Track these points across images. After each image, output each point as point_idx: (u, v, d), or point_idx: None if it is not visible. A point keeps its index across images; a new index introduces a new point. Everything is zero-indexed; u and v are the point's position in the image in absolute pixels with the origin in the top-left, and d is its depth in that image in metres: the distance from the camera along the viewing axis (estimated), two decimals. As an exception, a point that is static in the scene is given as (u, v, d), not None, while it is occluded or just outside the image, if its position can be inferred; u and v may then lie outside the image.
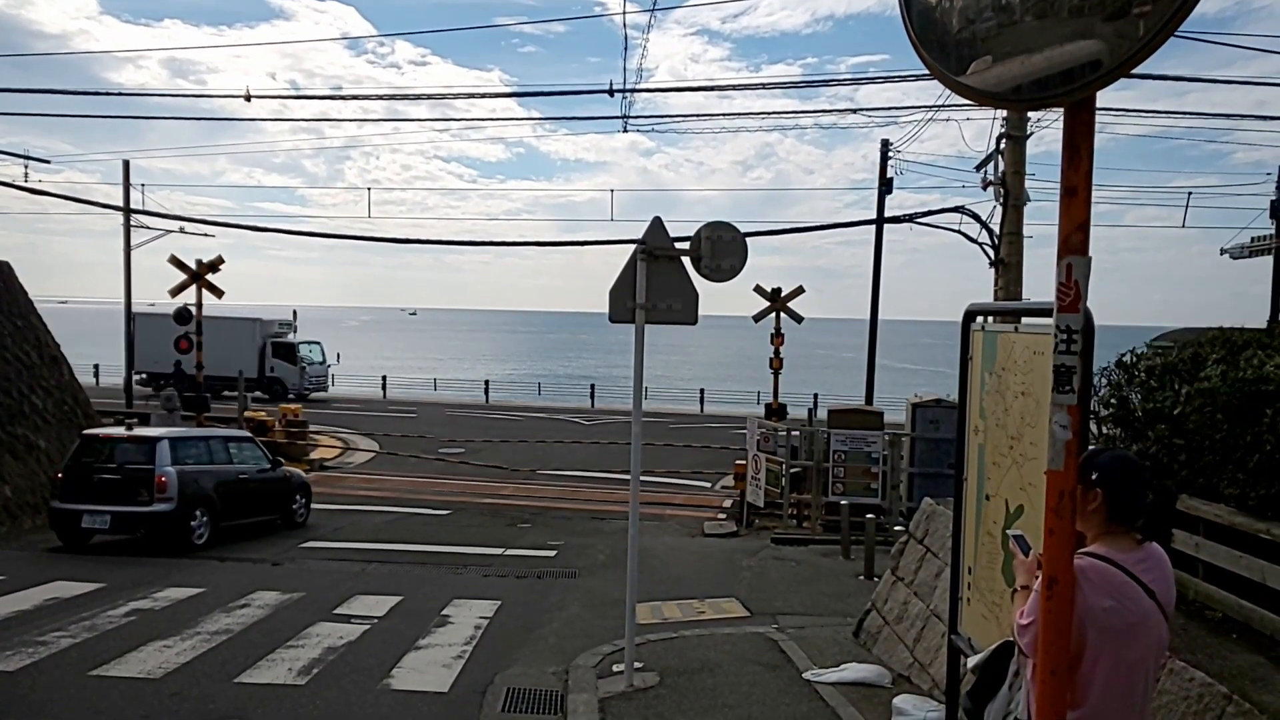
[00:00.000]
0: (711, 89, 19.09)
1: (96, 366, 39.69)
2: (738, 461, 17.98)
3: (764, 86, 19.64)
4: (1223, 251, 24.69)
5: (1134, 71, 2.42)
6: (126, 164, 25.16)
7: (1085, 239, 2.52)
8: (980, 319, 4.61)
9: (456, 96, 17.84)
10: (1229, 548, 4.82)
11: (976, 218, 15.05)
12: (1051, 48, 2.43)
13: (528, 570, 12.17)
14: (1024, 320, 4.30)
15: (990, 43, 2.59)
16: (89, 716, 6.22)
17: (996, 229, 14.15)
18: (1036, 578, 2.82)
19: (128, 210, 24.71)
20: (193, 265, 19.84)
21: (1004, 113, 13.69)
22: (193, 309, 19.90)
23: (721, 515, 17.44)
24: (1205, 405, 5.18)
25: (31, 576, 10.32)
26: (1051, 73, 2.41)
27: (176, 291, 19.78)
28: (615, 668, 7.39)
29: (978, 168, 14.65)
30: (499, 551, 13.59)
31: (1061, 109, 2.60)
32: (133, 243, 25.06)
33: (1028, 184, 13.90)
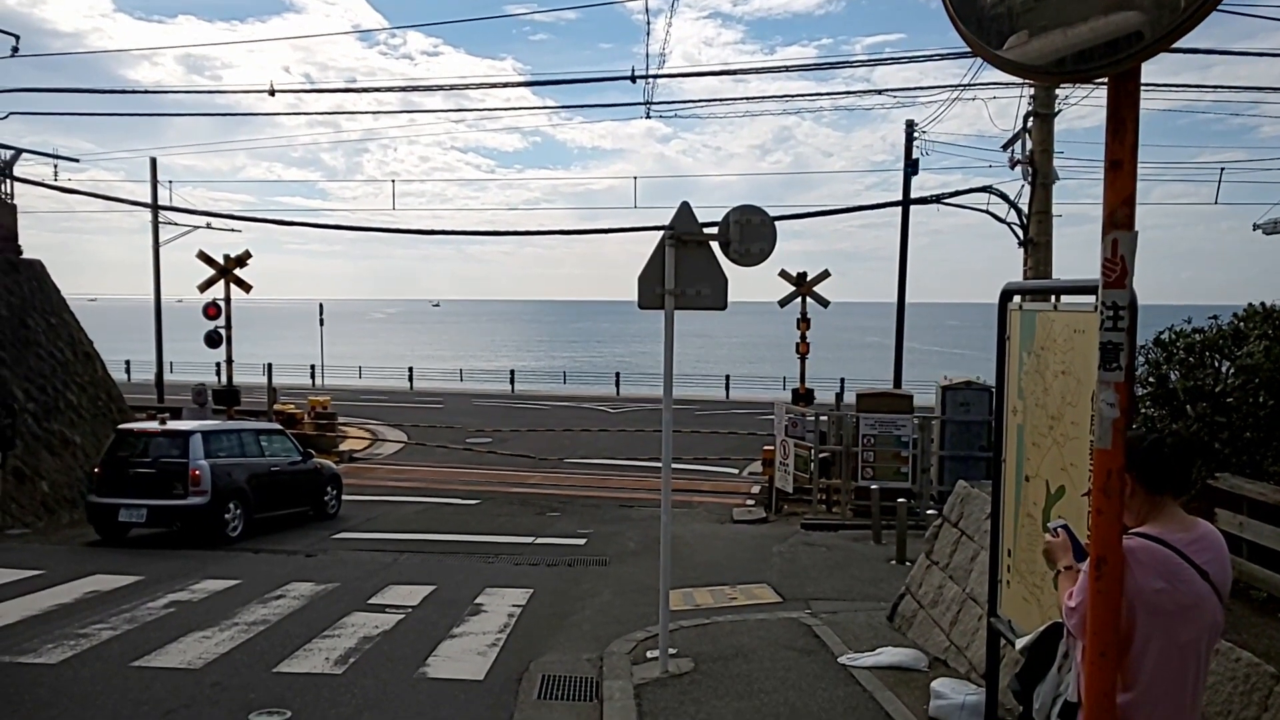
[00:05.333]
0: (734, 73, 18.96)
1: (128, 362, 40.17)
2: (765, 447, 17.93)
3: (785, 69, 19.56)
4: (1255, 227, 24.26)
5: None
6: (154, 161, 25.37)
7: (1131, 213, 2.47)
8: (1017, 298, 4.55)
9: (473, 86, 17.86)
10: (1275, 526, 4.75)
11: (1005, 197, 14.92)
12: (1094, 19, 2.38)
13: (558, 558, 12.20)
14: (1062, 299, 4.24)
15: (1027, 16, 2.55)
16: (132, 707, 6.30)
17: (1025, 208, 14.01)
18: (1074, 564, 2.80)
19: (155, 207, 24.93)
20: (220, 260, 20.01)
21: (1031, 91, 13.55)
22: (221, 304, 20.06)
23: (750, 501, 17.41)
24: (1248, 382, 5.09)
25: (71, 570, 10.46)
26: (1096, 44, 2.37)
27: (205, 286, 19.96)
28: (649, 654, 7.39)
29: (1005, 146, 14.49)
30: (529, 540, 13.64)
31: (1099, 82, 2.55)
32: (160, 239, 25.29)
33: (1055, 162, 13.76)
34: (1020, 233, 14.19)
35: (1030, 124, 13.57)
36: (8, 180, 18.59)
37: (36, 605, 8.87)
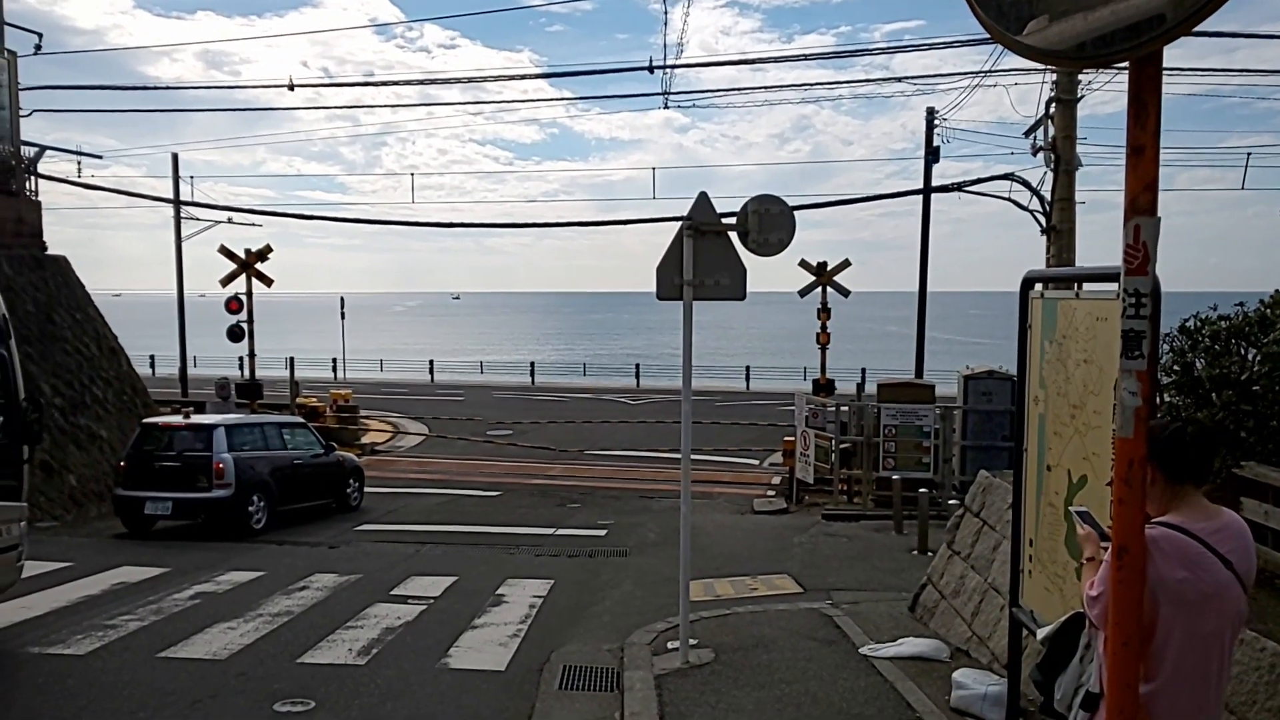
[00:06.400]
0: (752, 62, 18.82)
1: (152, 357, 40.59)
2: (786, 438, 17.88)
3: (804, 58, 19.39)
4: (1283, 212, 23.93)
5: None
6: (175, 157, 25.58)
7: (1154, 199, 2.45)
8: (1039, 286, 4.51)
9: (490, 79, 17.88)
10: (1301, 515, 4.69)
11: (1027, 184, 14.80)
12: (1115, 2, 2.35)
13: (579, 549, 12.24)
14: (1084, 286, 4.20)
15: (1048, 0, 2.52)
16: (159, 697, 6.37)
17: (1047, 195, 13.89)
18: (1104, 549, 2.76)
19: (178, 202, 25.14)
20: (241, 255, 20.15)
21: (1053, 77, 13.41)
22: (243, 298, 20.20)
23: (770, 492, 17.39)
24: (1275, 369, 5.03)
25: (99, 562, 10.59)
26: (1117, 28, 2.34)
27: (227, 281, 20.10)
28: (670, 645, 7.41)
29: (1027, 133, 14.36)
30: (550, 531, 13.69)
31: (1120, 67, 2.52)
32: (183, 234, 25.51)
33: (1078, 148, 13.62)
34: (1043, 220, 14.07)
35: (1052, 110, 13.44)
36: (32, 177, 18.79)
37: (65, 597, 8.99)
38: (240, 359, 21.26)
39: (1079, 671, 2.96)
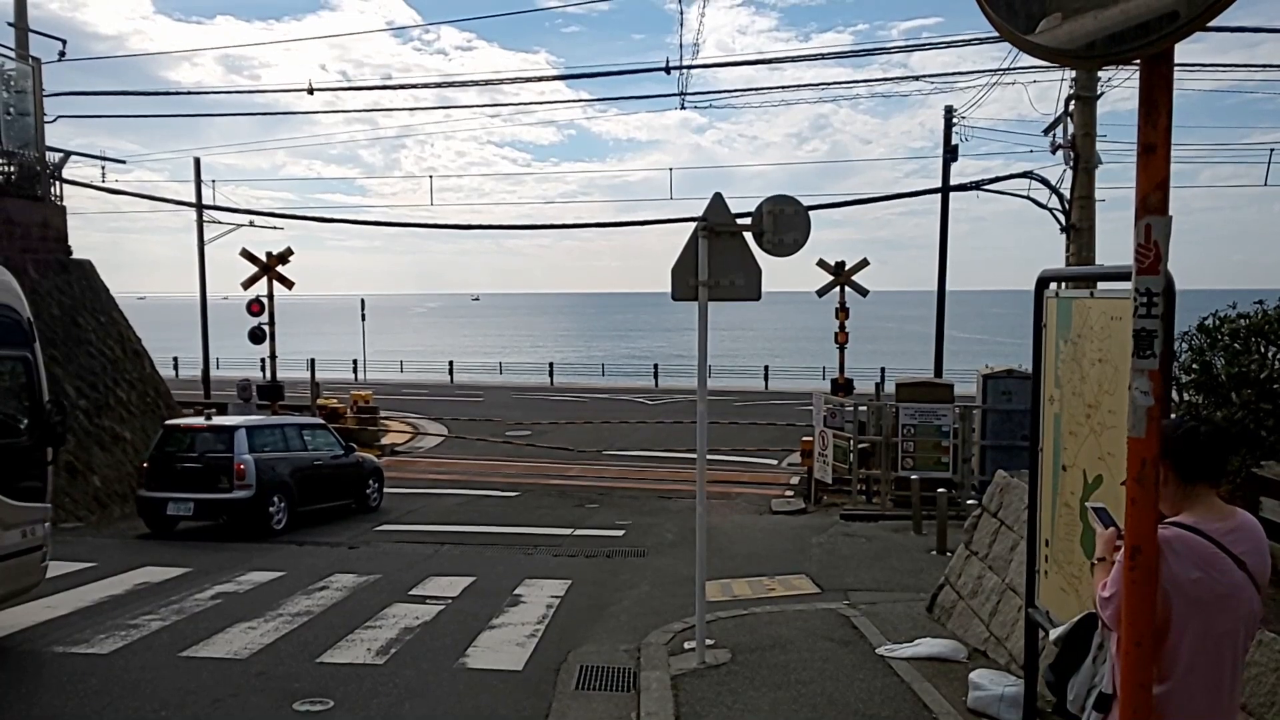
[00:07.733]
0: (769, 61, 18.78)
1: (175, 359, 40.98)
2: (804, 438, 17.84)
3: (821, 57, 19.35)
4: (1308, 209, 23.65)
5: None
6: (197, 161, 25.78)
7: (1165, 198, 2.44)
8: (1054, 285, 4.49)
9: (508, 81, 17.97)
10: (1322, 515, 4.64)
11: (1046, 183, 14.72)
12: (1125, 0, 2.34)
13: (597, 550, 12.26)
14: (1100, 285, 4.18)
15: (1059, -1, 2.51)
16: (181, 696, 6.44)
17: (1067, 193, 13.80)
18: (1117, 549, 2.75)
19: (200, 206, 25.37)
20: (262, 258, 20.28)
21: (1072, 74, 13.32)
22: (265, 300, 20.34)
23: (789, 492, 17.36)
24: (1295, 368, 4.98)
25: (122, 562, 10.71)
26: (1127, 26, 2.33)
27: (249, 283, 20.25)
28: (687, 645, 7.41)
29: (1046, 131, 14.28)
30: (568, 532, 13.72)
31: (1134, 65, 2.51)
32: (205, 237, 25.73)
33: (1098, 146, 13.52)
34: (1062, 218, 13.98)
35: (1072, 107, 13.35)
36: (57, 182, 18.98)
37: (88, 597, 9.10)
38: (262, 361, 21.40)
39: (1092, 672, 2.95)
